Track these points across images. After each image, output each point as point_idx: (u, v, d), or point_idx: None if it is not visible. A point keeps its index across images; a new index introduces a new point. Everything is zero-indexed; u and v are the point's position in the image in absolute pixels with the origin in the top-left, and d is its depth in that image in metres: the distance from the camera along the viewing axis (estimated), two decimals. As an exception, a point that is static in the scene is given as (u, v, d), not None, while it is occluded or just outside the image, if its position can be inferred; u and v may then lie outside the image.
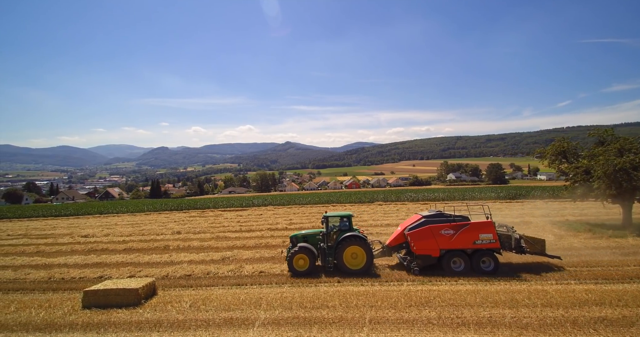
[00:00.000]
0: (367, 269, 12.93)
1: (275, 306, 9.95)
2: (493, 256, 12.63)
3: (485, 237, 12.51)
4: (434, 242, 12.66)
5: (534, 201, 42.43)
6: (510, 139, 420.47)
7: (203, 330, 8.72)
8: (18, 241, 25.47)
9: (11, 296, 12.34)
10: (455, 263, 12.71)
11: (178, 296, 11.29)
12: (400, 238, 13.62)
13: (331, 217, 13.95)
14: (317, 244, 13.69)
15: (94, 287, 10.95)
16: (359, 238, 12.97)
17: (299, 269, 13.01)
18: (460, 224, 12.81)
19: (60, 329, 9.22)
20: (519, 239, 13.18)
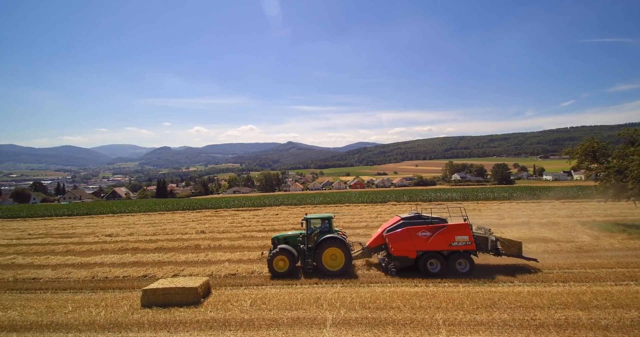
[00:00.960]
0: (346, 270, 13.07)
1: (338, 306, 9.87)
2: (469, 258, 12.81)
3: (461, 239, 12.73)
4: (411, 243, 12.88)
5: (550, 201, 42.23)
6: (513, 139, 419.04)
7: (275, 329, 8.65)
8: (43, 240, 25.48)
9: (61, 295, 12.30)
10: (432, 264, 12.86)
11: (234, 295, 11.23)
12: (380, 240, 13.76)
13: (312, 219, 14.06)
14: (298, 245, 13.81)
15: (153, 286, 10.90)
16: (337, 240, 13.09)
17: (278, 271, 13.09)
18: (437, 226, 12.99)
19: (128, 327, 9.16)
20: (495, 241, 13.31)
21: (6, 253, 20.86)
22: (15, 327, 9.49)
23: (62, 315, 10.22)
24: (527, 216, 28.01)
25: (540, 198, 47.07)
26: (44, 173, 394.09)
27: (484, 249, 13.30)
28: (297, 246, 13.80)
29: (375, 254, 14.46)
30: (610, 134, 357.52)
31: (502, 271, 13.01)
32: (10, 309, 10.89)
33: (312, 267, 13.35)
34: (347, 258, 13.01)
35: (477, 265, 13.17)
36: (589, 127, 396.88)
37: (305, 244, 13.68)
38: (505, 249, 13.32)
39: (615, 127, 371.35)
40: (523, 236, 19.37)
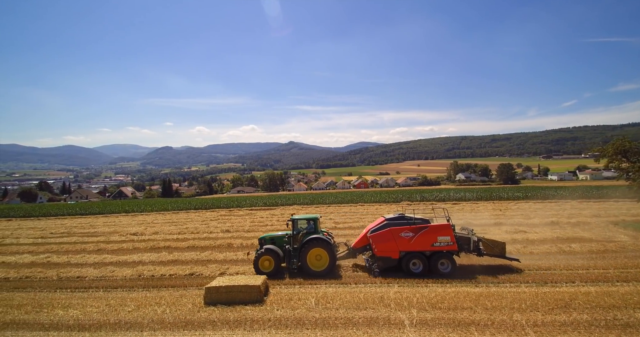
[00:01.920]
0: (330, 270, 13.16)
1: (406, 306, 9.73)
2: (451, 258, 12.87)
3: (443, 240, 12.83)
4: (394, 244, 12.98)
5: (568, 201, 42.01)
6: (515, 139, 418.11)
7: (353, 329, 8.52)
8: (69, 239, 25.41)
9: (115, 294, 12.20)
10: (414, 265, 12.97)
11: (293, 294, 11.11)
12: (365, 240, 13.83)
13: (299, 220, 14.21)
14: (284, 246, 13.94)
15: (214, 284, 10.80)
16: (322, 240, 13.20)
17: (264, 271, 13.21)
18: (420, 226, 13.05)
19: (202, 325, 9.06)
20: (477, 242, 13.36)
21: (38, 252, 20.80)
22: (84, 326, 9.39)
23: (126, 313, 10.12)
24: (552, 215, 27.83)
25: (555, 198, 46.87)
26: (47, 173, 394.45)
27: (466, 249, 13.38)
28: (283, 246, 13.95)
29: (361, 254, 14.56)
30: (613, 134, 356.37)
31: (567, 270, 12.87)
32: (70, 307, 10.79)
33: (297, 268, 13.52)
34: (331, 259, 13.15)
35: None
36: (591, 127, 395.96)
37: (291, 244, 13.85)
38: (489, 250, 13.40)
39: (618, 127, 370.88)
40: (560, 235, 19.24)
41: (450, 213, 32.34)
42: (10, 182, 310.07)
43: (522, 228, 21.58)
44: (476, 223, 24.66)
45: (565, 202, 41.76)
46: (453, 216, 29.55)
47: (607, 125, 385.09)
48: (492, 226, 23.52)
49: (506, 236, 19.42)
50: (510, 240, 18.34)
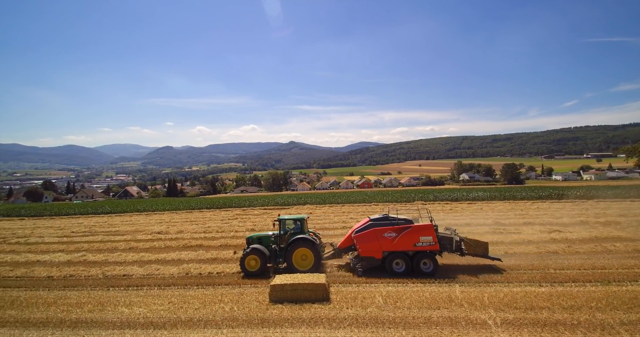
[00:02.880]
0: (315, 270, 13.19)
1: (479, 306, 9.58)
2: (433, 258, 12.95)
3: (425, 240, 12.92)
4: (377, 244, 13.12)
5: (584, 201, 41.88)
6: (517, 139, 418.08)
7: (439, 328, 8.40)
8: (95, 238, 25.25)
9: (170, 292, 12.07)
10: (397, 264, 13.07)
11: (357, 292, 11.00)
12: (350, 240, 13.95)
13: (287, 220, 14.38)
14: (270, 245, 14.09)
15: (278, 282, 10.70)
16: (308, 240, 13.37)
17: (250, 270, 13.34)
18: (403, 227, 13.14)
19: (277, 323, 8.97)
20: (459, 242, 13.45)
21: (70, 251, 20.69)
22: (157, 324, 9.27)
23: (194, 311, 10.02)
24: (579, 215, 27.67)
25: (570, 198, 46.76)
26: (48, 172, 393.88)
27: (448, 249, 13.48)
28: (270, 246, 14.07)
29: (346, 254, 14.68)
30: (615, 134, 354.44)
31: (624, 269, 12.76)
32: (133, 305, 10.68)
33: (283, 267, 13.71)
34: (316, 258, 13.27)
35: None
36: (593, 127, 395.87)
37: (277, 244, 14.02)
38: (471, 249, 13.47)
39: (619, 127, 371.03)
40: (598, 235, 19.09)
41: (471, 213, 32.29)
42: (11, 181, 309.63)
43: (555, 227, 21.44)
44: (505, 222, 24.66)
45: (582, 201, 41.61)
46: (475, 215, 29.73)
47: (609, 126, 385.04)
48: (523, 225, 23.38)
49: (543, 235, 19.32)
50: (550, 240, 18.27)
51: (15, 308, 10.91)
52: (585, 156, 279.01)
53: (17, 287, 13.42)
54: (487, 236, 19.52)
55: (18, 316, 10.21)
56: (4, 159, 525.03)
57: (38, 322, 9.75)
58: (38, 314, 10.28)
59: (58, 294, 12.28)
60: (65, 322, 9.66)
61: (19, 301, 11.58)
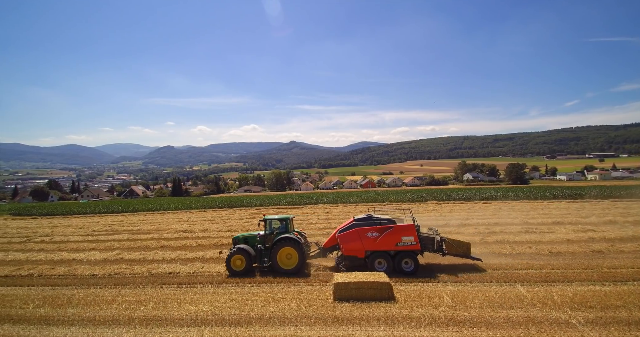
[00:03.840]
0: (299, 269, 13.47)
1: (552, 305, 9.41)
2: (414, 257, 13.12)
3: (407, 240, 13.09)
4: (360, 244, 13.30)
5: (600, 201, 41.81)
6: (518, 138, 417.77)
7: (523, 328, 8.26)
8: (121, 236, 25.19)
9: (228, 289, 12.01)
10: (379, 264, 13.22)
11: (420, 291, 10.90)
12: (334, 240, 14.08)
13: (273, 220, 14.54)
14: (256, 245, 14.23)
15: (341, 280, 10.61)
16: (292, 240, 13.54)
17: (236, 269, 13.51)
18: (385, 227, 13.30)
19: (353, 321, 8.86)
20: (440, 242, 13.62)
21: (102, 249, 20.61)
22: (231, 321, 9.16)
23: (260, 308, 9.94)
24: (605, 215, 27.57)
25: (584, 197, 46.71)
26: (50, 172, 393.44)
27: (430, 249, 13.67)
28: (255, 246, 14.20)
29: (330, 253, 14.80)
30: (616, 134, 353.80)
31: None
32: (197, 303, 10.58)
33: (268, 266, 13.83)
34: (300, 258, 13.41)
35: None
36: (594, 127, 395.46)
37: (263, 243, 14.16)
38: (453, 249, 13.60)
39: (621, 127, 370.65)
40: (635, 234, 19.03)
41: (492, 212, 32.07)
42: (13, 181, 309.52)
43: (588, 227, 21.39)
44: (534, 222, 24.57)
45: (598, 201, 41.59)
46: (498, 214, 29.64)
47: (610, 126, 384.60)
48: (552, 225, 23.32)
49: (579, 234, 19.28)
50: (588, 239, 18.23)
51: (75, 306, 10.82)
52: (588, 156, 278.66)
53: (65, 286, 13.36)
54: (522, 235, 19.52)
55: (82, 314, 10.12)
56: (5, 158, 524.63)
57: (106, 320, 9.65)
58: (102, 312, 10.19)
59: (112, 292, 12.20)
60: (134, 319, 9.56)
61: (74, 299, 11.49)
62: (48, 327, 9.38)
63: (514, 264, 13.85)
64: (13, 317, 10.06)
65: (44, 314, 10.22)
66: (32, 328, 9.33)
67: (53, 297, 11.77)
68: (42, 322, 9.73)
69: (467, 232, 20.96)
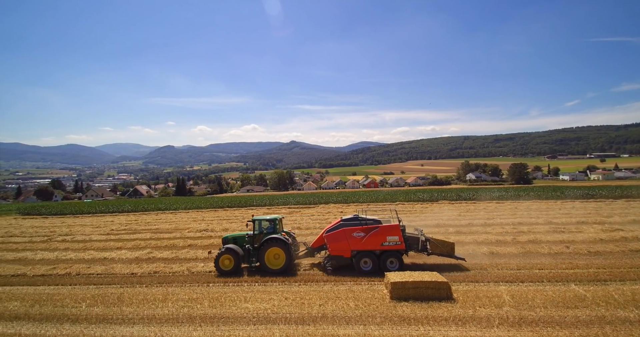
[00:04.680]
0: (286, 269, 13.66)
1: (615, 304, 9.40)
2: (399, 257, 13.35)
3: (392, 239, 13.30)
4: (346, 244, 13.53)
5: (614, 201, 41.83)
6: (519, 139, 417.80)
7: (597, 327, 8.22)
8: (144, 236, 25.04)
9: (277, 287, 11.98)
10: (365, 263, 13.46)
11: (476, 291, 10.84)
12: (322, 240, 14.29)
13: (262, 221, 14.78)
14: (244, 245, 14.43)
15: (398, 279, 10.55)
16: (280, 240, 13.76)
17: (224, 269, 13.74)
18: (370, 227, 13.53)
19: (420, 321, 8.82)
20: (425, 242, 13.87)
21: (128, 248, 20.48)
22: (294, 319, 9.12)
23: (319, 307, 9.89)
24: (625, 214, 27.54)
25: (596, 197, 46.71)
26: (50, 172, 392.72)
27: (415, 248, 13.93)
28: (244, 246, 14.37)
29: (318, 253, 15.03)
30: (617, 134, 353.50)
31: None
32: (252, 301, 10.54)
33: (256, 266, 14.06)
34: (287, 258, 13.61)
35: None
36: (595, 127, 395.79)
37: (251, 244, 14.35)
38: (438, 249, 13.81)
39: (622, 127, 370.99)
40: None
41: (511, 212, 31.98)
42: (14, 180, 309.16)
43: (615, 226, 21.39)
44: (558, 222, 24.51)
45: (612, 201, 41.60)
46: (519, 214, 29.59)
47: (611, 126, 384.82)
48: (578, 224, 23.28)
49: (610, 234, 19.27)
50: (621, 238, 18.26)
51: (128, 305, 10.76)
52: (589, 156, 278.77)
53: (109, 284, 13.31)
54: (552, 235, 19.48)
55: (139, 313, 10.06)
56: (5, 158, 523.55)
57: (167, 318, 9.60)
58: (159, 311, 10.13)
59: (161, 290, 12.13)
60: (195, 318, 9.51)
61: (125, 298, 11.42)
62: (111, 326, 9.32)
63: (557, 264, 13.81)
64: (70, 317, 9.98)
65: (101, 313, 10.15)
66: (94, 327, 9.26)
67: (102, 296, 11.71)
68: (102, 321, 9.67)
69: (494, 232, 20.90)
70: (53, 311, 10.48)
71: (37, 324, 9.55)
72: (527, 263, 13.96)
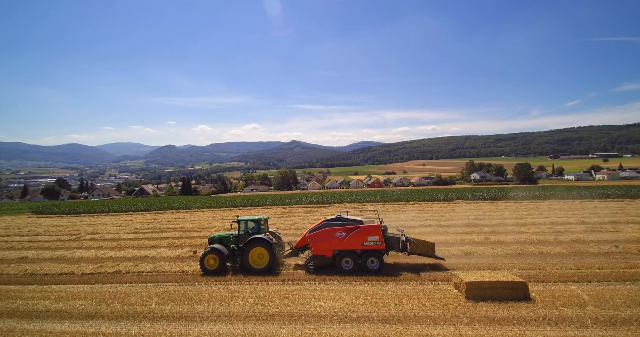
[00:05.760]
0: (269, 268, 13.91)
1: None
2: (379, 256, 13.62)
3: (372, 239, 13.56)
4: (328, 243, 13.78)
5: (634, 200, 41.76)
6: (520, 138, 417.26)
7: None
8: (173, 234, 24.97)
9: (339, 287, 11.86)
10: (347, 263, 13.70)
11: (550, 291, 10.72)
12: (305, 240, 14.54)
13: (248, 221, 14.98)
14: (229, 245, 14.68)
15: (474, 279, 10.42)
16: (264, 240, 14.00)
17: (209, 268, 13.97)
18: (352, 227, 13.79)
19: (513, 322, 8.71)
20: (405, 241, 14.12)
21: (163, 246, 20.39)
22: (376, 318, 9.03)
23: (396, 306, 9.78)
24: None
25: (614, 197, 46.61)
26: (51, 171, 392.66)
27: (395, 248, 14.15)
28: (229, 246, 14.61)
29: (302, 253, 15.26)
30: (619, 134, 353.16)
31: None
32: (323, 299, 10.44)
33: (240, 266, 14.24)
34: (270, 257, 13.85)
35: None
36: (597, 127, 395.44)
37: (236, 243, 14.56)
38: (418, 249, 14.05)
39: (623, 127, 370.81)
40: None
41: (538, 211, 31.84)
42: (15, 180, 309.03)
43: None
44: (592, 221, 24.40)
45: (632, 200, 41.55)
46: (548, 214, 29.49)
47: (613, 126, 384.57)
48: (613, 223, 23.24)
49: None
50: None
51: (198, 303, 10.64)
52: (591, 156, 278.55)
53: (168, 282, 13.24)
54: (593, 234, 19.45)
55: (214, 310, 9.96)
56: (7, 157, 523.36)
57: (246, 315, 9.52)
58: (232, 308, 10.04)
59: (223, 288, 12.06)
60: (274, 315, 9.43)
61: (190, 295, 11.33)
62: (193, 323, 9.22)
63: (615, 263, 13.76)
64: (144, 315, 9.87)
65: (175, 311, 10.03)
66: (175, 325, 9.16)
67: (166, 293, 11.60)
68: (180, 318, 9.55)
69: (531, 231, 20.82)
70: (123, 309, 10.36)
71: (114, 323, 9.43)
72: (583, 263, 13.86)
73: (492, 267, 13.51)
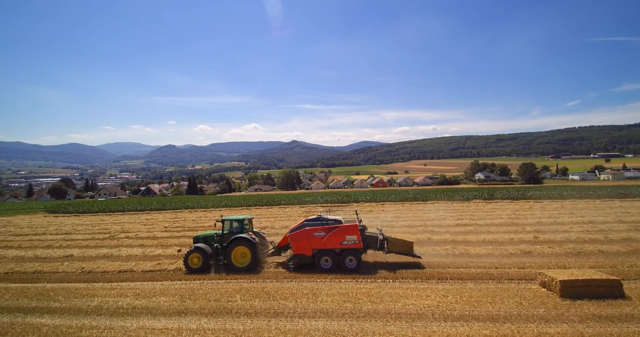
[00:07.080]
0: (251, 266, 14.22)
1: None
2: (357, 255, 13.90)
3: (350, 238, 13.85)
4: (307, 243, 14.08)
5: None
6: (521, 138, 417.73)
7: None
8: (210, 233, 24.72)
9: (415, 285, 11.76)
10: (326, 261, 14.00)
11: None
12: (287, 240, 14.85)
13: (232, 221, 15.30)
14: (213, 244, 14.98)
15: (567, 278, 10.29)
16: (246, 240, 14.28)
17: (193, 267, 14.27)
18: (331, 227, 14.07)
19: (623, 319, 8.60)
20: (382, 240, 14.37)
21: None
22: (477, 317, 8.95)
23: (490, 305, 9.69)
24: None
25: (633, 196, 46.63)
26: (52, 170, 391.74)
27: (374, 247, 14.45)
28: (213, 245, 14.89)
29: (284, 252, 15.53)
30: (620, 134, 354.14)
31: None
32: (410, 297, 10.36)
33: (223, 264, 14.56)
34: (253, 256, 14.15)
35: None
36: (597, 127, 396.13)
37: (220, 243, 14.89)
38: (396, 248, 14.27)
39: (625, 127, 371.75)
40: None
41: (568, 210, 31.76)
42: (16, 179, 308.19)
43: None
44: (628, 220, 24.29)
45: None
46: (577, 213, 29.46)
47: (614, 126, 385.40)
48: None
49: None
50: None
51: (282, 299, 10.59)
52: (593, 156, 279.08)
53: (233, 280, 13.12)
54: None
55: (305, 307, 9.90)
56: (7, 156, 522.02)
57: (342, 313, 9.43)
58: (322, 305, 9.96)
59: (298, 285, 12.00)
60: (370, 313, 9.36)
61: (270, 291, 11.30)
62: (292, 319, 9.18)
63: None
64: (239, 311, 9.79)
65: (265, 307, 9.95)
66: (276, 321, 9.09)
67: (245, 290, 11.56)
68: (276, 314, 9.49)
69: (576, 230, 20.84)
70: (210, 304, 10.25)
71: (211, 319, 9.30)
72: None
73: (560, 266, 13.40)
